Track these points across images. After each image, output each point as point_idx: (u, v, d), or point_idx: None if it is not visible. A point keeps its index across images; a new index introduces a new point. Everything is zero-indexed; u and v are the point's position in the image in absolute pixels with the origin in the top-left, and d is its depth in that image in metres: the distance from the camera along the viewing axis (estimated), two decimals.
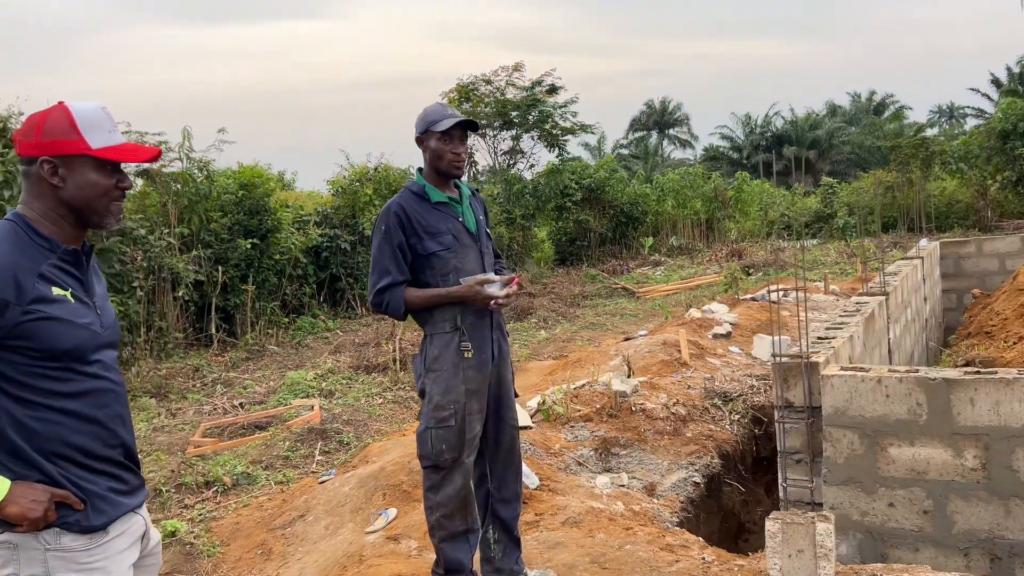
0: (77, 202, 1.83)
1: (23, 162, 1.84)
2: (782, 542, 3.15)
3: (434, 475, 3.03)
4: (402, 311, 3.02)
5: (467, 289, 2.92)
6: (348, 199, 14.06)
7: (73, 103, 1.84)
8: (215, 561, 4.36)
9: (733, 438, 5.52)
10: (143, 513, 1.95)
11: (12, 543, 1.73)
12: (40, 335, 1.73)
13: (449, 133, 3.03)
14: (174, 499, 5.21)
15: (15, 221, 1.81)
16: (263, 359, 10.39)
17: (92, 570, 1.78)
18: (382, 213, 3.05)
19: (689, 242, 21.51)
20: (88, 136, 1.81)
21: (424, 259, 3.01)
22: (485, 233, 3.21)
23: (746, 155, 43.01)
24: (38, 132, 1.79)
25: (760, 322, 8.78)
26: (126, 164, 1.93)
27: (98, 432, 1.83)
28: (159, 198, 11.04)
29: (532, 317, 12.48)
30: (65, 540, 1.75)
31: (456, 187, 3.17)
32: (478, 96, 18.94)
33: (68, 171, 1.81)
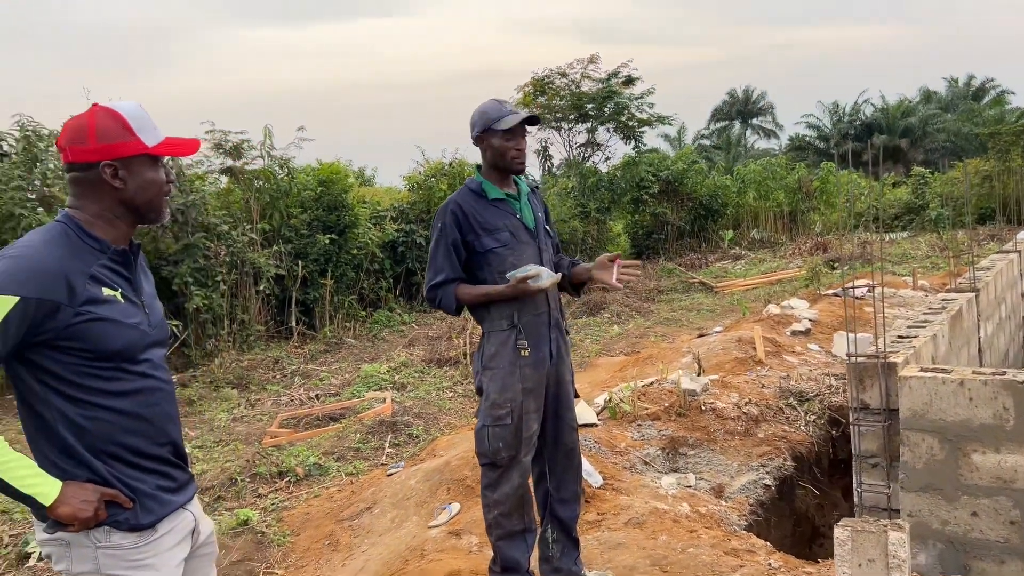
0: (138, 201, 1.87)
1: (75, 168, 1.84)
2: (852, 550, 3.02)
3: (491, 473, 3.02)
4: (454, 308, 3.02)
5: (511, 288, 2.89)
6: (423, 194, 14.23)
7: (115, 104, 1.86)
8: (285, 550, 4.47)
9: (808, 439, 5.33)
10: (192, 508, 1.99)
11: (65, 540, 1.78)
12: (91, 336, 1.77)
13: (512, 130, 3.00)
14: (248, 488, 5.37)
15: (66, 223, 1.84)
16: (340, 351, 10.62)
17: (142, 567, 1.82)
18: (439, 211, 3.05)
19: (771, 235, 20.92)
20: (142, 135, 1.84)
21: (481, 256, 3.00)
22: (544, 230, 3.17)
23: (833, 144, 41.51)
24: (91, 137, 1.81)
25: (842, 319, 8.46)
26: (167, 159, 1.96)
27: (147, 430, 1.88)
28: (242, 195, 11.41)
29: (605, 312, 12.37)
30: (115, 538, 1.80)
31: (515, 184, 3.14)
32: (553, 89, 18.86)
33: (128, 172, 1.84)
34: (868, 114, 42.87)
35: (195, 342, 9.79)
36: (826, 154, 39.67)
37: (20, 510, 5.22)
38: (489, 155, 3.05)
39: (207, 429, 7.19)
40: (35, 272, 1.71)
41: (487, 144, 3.03)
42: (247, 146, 11.37)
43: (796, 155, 37.87)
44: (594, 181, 19.14)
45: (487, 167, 3.10)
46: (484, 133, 3.01)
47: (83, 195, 1.86)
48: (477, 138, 3.05)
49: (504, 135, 2.99)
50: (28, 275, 1.70)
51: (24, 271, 1.71)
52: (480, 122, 3.02)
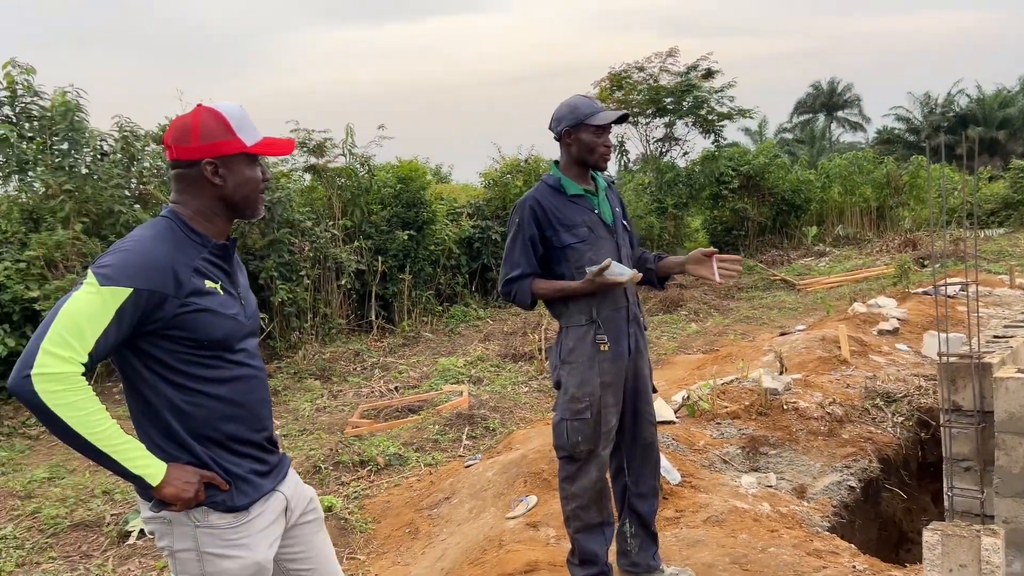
0: (236, 198, 1.96)
1: (178, 166, 1.94)
2: (941, 555, 2.92)
3: (569, 466, 3.05)
4: (528, 302, 3.05)
5: (586, 283, 2.90)
6: (499, 191, 14.33)
7: (217, 104, 1.95)
8: (367, 537, 4.60)
9: (895, 441, 5.17)
10: (283, 488, 2.08)
11: (167, 519, 1.90)
12: (195, 325, 1.87)
13: (603, 126, 3.00)
14: (332, 476, 5.54)
15: (171, 218, 1.94)
16: (418, 345, 10.81)
17: (237, 546, 1.92)
18: (517, 206, 3.08)
19: (857, 231, 20.23)
20: (242, 135, 1.93)
21: (559, 251, 3.02)
22: (622, 225, 3.16)
23: (924, 137, 39.83)
24: (195, 136, 1.90)
25: (932, 318, 8.14)
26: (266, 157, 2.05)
27: (244, 416, 1.97)
28: (324, 192, 11.72)
29: (682, 309, 12.21)
30: (212, 518, 1.90)
31: (592, 179, 3.15)
32: (630, 84, 18.68)
33: (228, 170, 1.93)
34: (963, 105, 40.93)
35: (280, 334, 10.12)
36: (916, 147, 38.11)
37: (121, 491, 5.52)
38: (575, 150, 3.04)
39: (291, 418, 7.44)
40: (145, 266, 1.81)
41: (575, 139, 3.02)
42: (330, 144, 11.67)
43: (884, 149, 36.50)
44: (671, 176, 18.88)
45: (569, 162, 3.09)
46: (574, 128, 3.00)
47: (185, 191, 1.96)
48: (564, 132, 3.03)
49: (595, 131, 2.99)
50: (139, 268, 1.80)
51: (135, 265, 1.81)
52: (570, 116, 3.01)
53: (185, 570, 1.91)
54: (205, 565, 1.90)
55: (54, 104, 8.86)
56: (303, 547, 2.13)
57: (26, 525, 5.03)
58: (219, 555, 1.90)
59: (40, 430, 7.45)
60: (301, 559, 2.13)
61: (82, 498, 5.43)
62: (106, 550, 4.68)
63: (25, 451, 6.98)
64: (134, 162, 9.68)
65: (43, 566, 4.46)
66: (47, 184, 8.61)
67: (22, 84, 8.85)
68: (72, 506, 5.27)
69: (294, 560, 2.12)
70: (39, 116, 8.94)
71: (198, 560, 1.89)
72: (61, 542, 4.80)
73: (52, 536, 4.85)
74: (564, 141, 3.06)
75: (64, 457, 6.65)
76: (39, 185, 8.78)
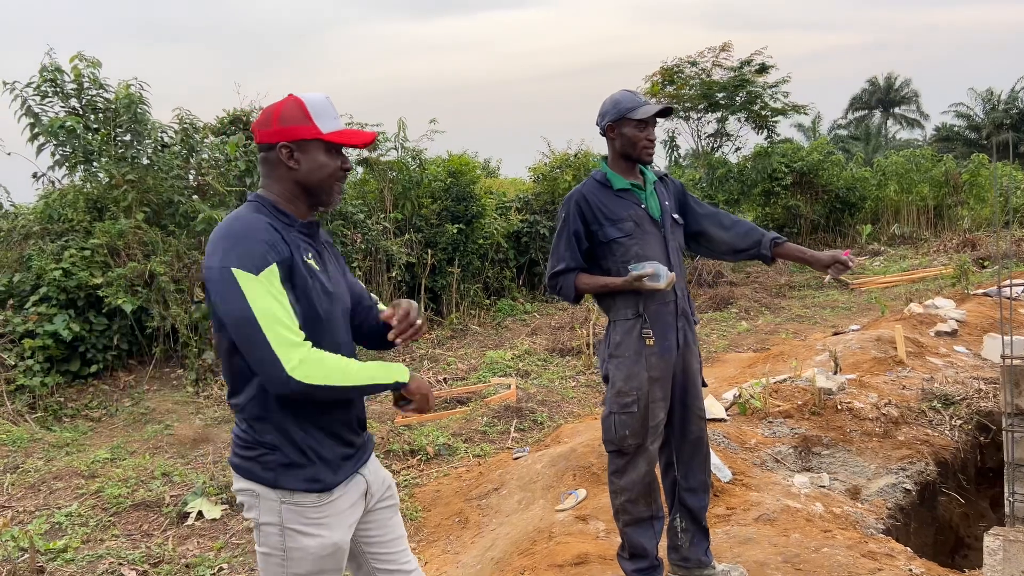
0: (310, 182, 2.03)
1: (261, 149, 2.04)
2: (1003, 560, 2.87)
3: (618, 460, 3.06)
4: (573, 296, 3.08)
5: (626, 283, 2.91)
6: (548, 185, 14.32)
7: (304, 94, 2.03)
8: (417, 525, 4.67)
9: (953, 444, 5.05)
10: (365, 472, 2.13)
11: (256, 492, 1.98)
12: (309, 297, 1.96)
13: (645, 120, 3.01)
14: (383, 464, 5.62)
15: (257, 201, 2.03)
16: (466, 338, 10.89)
17: (318, 525, 1.99)
18: (564, 201, 3.10)
19: (913, 231, 19.74)
20: (319, 122, 2.00)
21: (605, 246, 3.03)
22: (672, 219, 3.15)
23: (985, 135, 38.64)
24: (275, 120, 1.99)
25: (993, 320, 7.93)
26: (347, 149, 2.12)
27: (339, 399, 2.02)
28: (376, 185, 11.86)
29: (732, 307, 12.07)
30: (297, 496, 1.97)
31: (641, 174, 3.14)
32: (682, 79, 18.50)
33: (302, 154, 2.01)
34: None
35: None
36: (977, 145, 37.00)
37: (179, 473, 5.69)
38: (619, 144, 3.06)
39: None
40: (265, 240, 1.90)
41: (618, 133, 3.04)
42: (382, 138, 11.80)
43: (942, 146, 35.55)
44: (723, 172, 18.65)
45: (614, 157, 3.11)
46: (616, 122, 3.02)
47: (268, 175, 2.05)
48: (608, 127, 3.06)
49: (637, 125, 3.00)
50: (263, 244, 1.89)
51: (258, 241, 1.89)
52: (613, 111, 3.03)
53: (268, 543, 1.99)
54: (287, 540, 1.97)
55: (118, 96, 9.11)
56: (379, 531, 2.20)
57: (90, 503, 5.22)
58: (300, 532, 1.97)
59: (102, 412, 7.72)
60: (377, 542, 2.20)
61: (142, 479, 5.61)
62: (166, 530, 4.83)
63: (88, 432, 7.23)
64: (193, 154, 9.92)
65: (107, 543, 4.63)
66: (111, 174, 8.87)
67: (88, 77, 9.12)
68: (133, 486, 5.45)
69: (370, 543, 2.19)
70: (104, 108, 9.20)
71: (280, 535, 1.97)
72: (123, 520, 4.97)
73: (114, 515, 5.03)
74: (608, 136, 3.08)
75: (124, 439, 6.88)
76: (103, 175, 9.04)
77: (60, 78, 8.97)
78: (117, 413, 7.72)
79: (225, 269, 1.85)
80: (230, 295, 1.84)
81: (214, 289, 1.88)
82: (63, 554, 4.41)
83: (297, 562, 1.98)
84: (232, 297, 1.84)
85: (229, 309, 1.85)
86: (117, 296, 8.15)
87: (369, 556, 2.20)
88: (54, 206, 9.03)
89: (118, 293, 8.18)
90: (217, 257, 1.87)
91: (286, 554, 1.98)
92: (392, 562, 2.22)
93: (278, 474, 1.96)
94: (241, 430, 2.01)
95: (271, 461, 1.96)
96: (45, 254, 8.34)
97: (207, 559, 4.39)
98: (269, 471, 1.96)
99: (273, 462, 1.96)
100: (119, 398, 8.07)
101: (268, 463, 1.96)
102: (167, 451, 6.46)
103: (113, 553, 4.44)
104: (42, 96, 8.91)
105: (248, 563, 4.35)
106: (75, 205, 8.96)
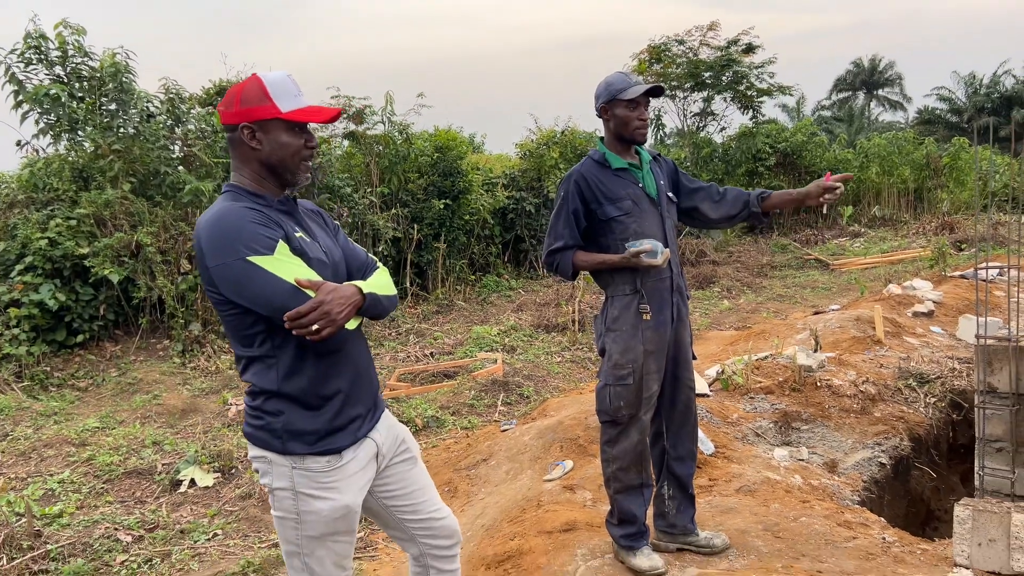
0: (273, 162, 2.06)
1: (227, 130, 2.08)
2: (972, 529, 3.01)
3: (611, 430, 3.17)
4: (570, 273, 3.17)
5: (623, 260, 3.00)
6: (534, 162, 14.35)
7: (264, 73, 2.05)
8: None
9: (927, 421, 5.23)
10: (375, 435, 2.20)
11: (268, 459, 2.06)
12: (310, 267, 2.02)
13: (635, 100, 3.09)
14: None
15: (232, 190, 2.07)
16: (451, 313, 10.97)
17: (328, 488, 2.07)
18: (563, 180, 3.19)
19: (893, 213, 19.99)
20: (278, 101, 2.02)
21: (604, 224, 3.11)
22: (667, 197, 3.24)
23: (967, 119, 38.99)
24: (237, 102, 2.03)
25: (968, 302, 8.12)
26: (319, 125, 2.16)
27: (343, 361, 2.10)
28: (363, 159, 11.84)
29: (715, 286, 12.23)
30: (308, 461, 2.05)
31: (636, 153, 3.23)
32: (669, 57, 18.51)
33: (264, 134, 2.04)
34: (1008, 86, 39.92)
35: None
36: (958, 129, 37.33)
37: (170, 442, 5.75)
38: (612, 125, 3.15)
39: None
40: (260, 223, 1.96)
41: (611, 114, 3.12)
42: (369, 111, 11.77)
43: (924, 129, 35.83)
44: (708, 152, 18.78)
45: (610, 137, 3.20)
46: (609, 103, 3.11)
47: (235, 156, 2.09)
48: (602, 109, 3.15)
49: (628, 105, 3.09)
50: (263, 228, 1.95)
51: (256, 225, 1.94)
52: (606, 93, 3.12)
53: (281, 507, 2.08)
54: (299, 504, 2.06)
55: (103, 65, 9.03)
56: (399, 484, 2.27)
57: (82, 471, 5.28)
58: (312, 495, 2.06)
59: (89, 382, 7.75)
60: (400, 495, 2.28)
61: (133, 448, 5.67)
62: (159, 497, 4.90)
63: (75, 401, 7.27)
64: (179, 124, 9.86)
65: (101, 509, 4.70)
66: (96, 144, 8.81)
67: (73, 44, 9.03)
68: (125, 455, 5.51)
69: (393, 497, 2.27)
70: (88, 76, 9.11)
71: (293, 499, 2.06)
72: (116, 488, 5.04)
73: (107, 482, 5.09)
74: (604, 117, 3.17)
75: (113, 408, 6.92)
76: (88, 144, 8.98)
77: (44, 45, 8.87)
78: (104, 383, 7.75)
79: (240, 261, 1.90)
80: (257, 281, 1.89)
81: (234, 283, 1.91)
82: (59, 519, 4.48)
83: (310, 524, 2.07)
84: (260, 282, 1.89)
85: (259, 293, 1.90)
86: (103, 266, 8.15)
87: (394, 509, 2.29)
88: (39, 175, 8.97)
89: (104, 263, 8.18)
90: (224, 254, 1.91)
91: (299, 517, 2.07)
92: (419, 511, 2.30)
93: (287, 441, 2.04)
94: (253, 402, 2.08)
95: (281, 430, 2.04)
96: (30, 223, 8.31)
97: (201, 525, 4.47)
98: (279, 439, 2.04)
99: (283, 430, 2.04)
100: (105, 368, 8.10)
101: (278, 431, 2.04)
102: (156, 421, 6.52)
103: (108, 518, 4.51)
104: (26, 63, 8.82)
105: (242, 529, 4.44)
106: (60, 174, 8.91)
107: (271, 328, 1.99)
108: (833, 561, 3.19)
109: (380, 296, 2.08)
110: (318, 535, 2.09)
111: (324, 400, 2.06)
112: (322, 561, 2.12)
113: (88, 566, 3.98)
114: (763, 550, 3.31)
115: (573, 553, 3.37)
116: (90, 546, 4.18)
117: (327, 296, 1.90)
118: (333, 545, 2.12)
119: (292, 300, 1.88)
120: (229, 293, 1.94)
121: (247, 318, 1.99)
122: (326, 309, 1.88)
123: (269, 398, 2.05)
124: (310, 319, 1.86)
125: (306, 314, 1.86)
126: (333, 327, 1.89)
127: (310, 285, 1.91)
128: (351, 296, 1.96)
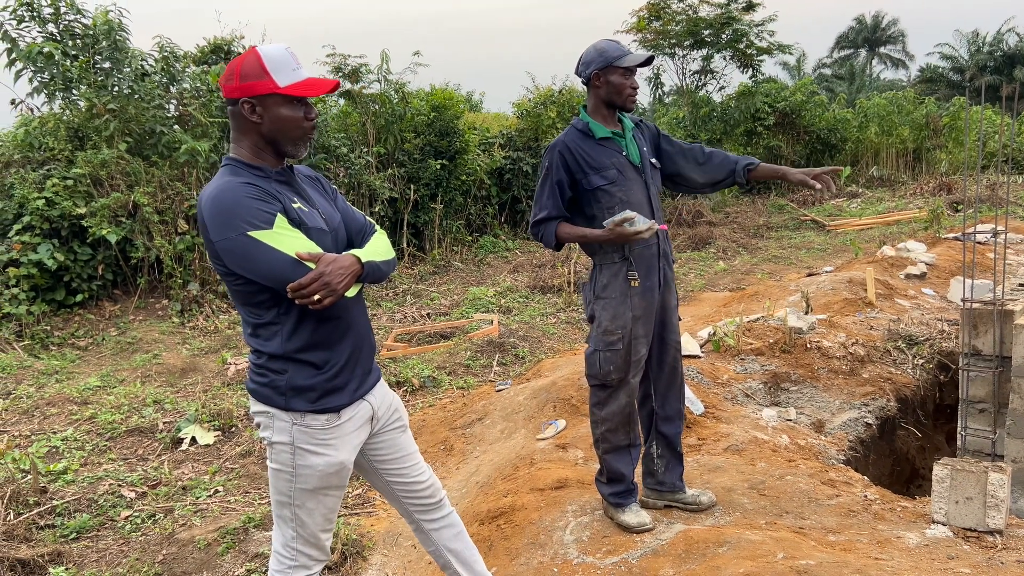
0: (274, 135, 2.12)
1: (228, 103, 2.14)
2: (950, 488, 3.11)
3: (600, 393, 3.25)
4: (553, 244, 3.21)
5: (608, 233, 3.01)
6: (532, 121, 14.26)
7: (263, 48, 2.10)
8: None
9: (914, 382, 5.33)
10: (371, 398, 2.30)
11: (270, 414, 2.17)
12: (308, 237, 2.08)
13: (631, 68, 3.10)
14: None
15: (231, 164, 2.13)
16: (448, 274, 11.03)
17: (326, 445, 2.19)
18: (547, 150, 3.20)
19: (892, 173, 19.94)
20: (276, 76, 2.07)
21: (590, 194, 3.14)
22: (650, 164, 3.26)
23: (968, 78, 38.67)
24: (236, 77, 2.08)
25: (961, 264, 8.18)
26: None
27: (341, 326, 2.19)
28: (359, 118, 11.78)
29: (711, 247, 12.28)
30: (308, 418, 2.17)
31: (619, 121, 3.25)
32: (669, 14, 18.28)
33: (264, 109, 2.09)
34: (1011, 44, 39.53)
35: None
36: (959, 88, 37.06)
37: (171, 401, 5.85)
38: (604, 92, 3.15)
39: None
40: (258, 197, 2.03)
41: (604, 81, 3.12)
42: (365, 70, 11.67)
43: (926, 88, 35.56)
44: (707, 111, 18.64)
45: (596, 105, 3.20)
46: (603, 70, 3.11)
47: (236, 130, 2.15)
48: (593, 75, 3.13)
49: (624, 72, 3.10)
50: (261, 202, 2.02)
51: (255, 200, 2.01)
52: (599, 59, 3.11)
53: (279, 460, 2.20)
54: (296, 458, 2.18)
55: (96, 22, 8.94)
56: (389, 449, 2.42)
57: (85, 429, 5.38)
58: (310, 451, 2.18)
59: (88, 341, 7.83)
60: (389, 459, 2.43)
61: (134, 406, 5.76)
62: (160, 454, 5.01)
63: (76, 360, 7.35)
64: (174, 83, 9.79)
65: (104, 466, 4.80)
66: (91, 103, 8.77)
67: (65, 2, 8.92)
68: (126, 413, 5.60)
69: (384, 460, 2.43)
70: (82, 35, 9.02)
71: (291, 453, 2.18)
72: (118, 445, 5.14)
73: (110, 440, 5.20)
74: (593, 84, 3.16)
75: (113, 367, 7.01)
76: (83, 103, 8.93)
77: (37, 2, 8.77)
78: (104, 342, 7.83)
79: (242, 236, 1.97)
80: (260, 256, 1.97)
81: (238, 257, 1.99)
82: (63, 476, 4.58)
83: (305, 478, 2.20)
84: (263, 256, 1.97)
85: (263, 266, 1.98)
86: (101, 226, 8.17)
87: (383, 471, 2.45)
88: (34, 134, 8.94)
89: (102, 223, 8.20)
90: (226, 229, 1.98)
91: (295, 471, 2.19)
92: (405, 475, 2.47)
93: (290, 398, 2.14)
94: (257, 360, 2.18)
95: (285, 387, 2.14)
96: (27, 183, 8.31)
97: (203, 482, 4.58)
98: (282, 395, 2.15)
99: (286, 387, 2.14)
100: (105, 327, 8.18)
101: (281, 388, 2.14)
102: (156, 380, 6.61)
103: (112, 475, 4.62)
104: (19, 20, 8.72)
105: (242, 486, 4.55)
106: (56, 133, 8.88)
107: (276, 297, 2.08)
108: (815, 518, 3.30)
109: (379, 262, 2.16)
110: (312, 488, 2.21)
111: (325, 361, 2.16)
112: (312, 513, 2.26)
113: (93, 521, 4.09)
114: (748, 507, 3.42)
115: (564, 509, 3.48)
116: (95, 502, 4.29)
117: (327, 267, 1.98)
118: (324, 499, 2.26)
119: (293, 272, 1.96)
120: (234, 266, 2.02)
121: (252, 287, 2.07)
122: (326, 280, 1.97)
123: (274, 358, 2.14)
124: (311, 290, 1.95)
125: (307, 285, 1.95)
126: (334, 296, 1.98)
127: (310, 257, 1.99)
128: (350, 266, 2.04)
